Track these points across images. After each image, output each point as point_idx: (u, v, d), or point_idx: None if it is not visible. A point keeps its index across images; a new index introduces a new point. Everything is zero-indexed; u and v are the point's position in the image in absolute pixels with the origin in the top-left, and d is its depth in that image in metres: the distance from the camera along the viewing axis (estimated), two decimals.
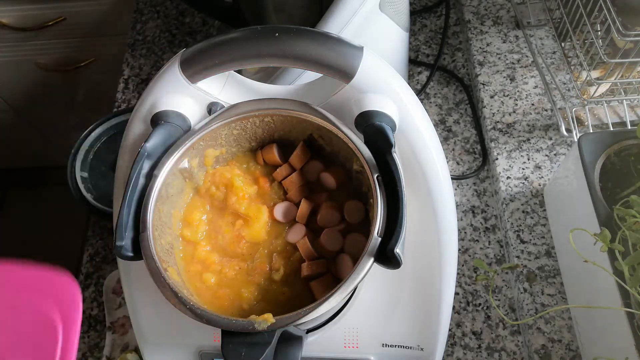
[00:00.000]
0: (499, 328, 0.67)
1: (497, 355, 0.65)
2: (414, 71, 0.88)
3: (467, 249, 0.72)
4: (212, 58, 0.43)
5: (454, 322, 0.68)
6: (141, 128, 0.47)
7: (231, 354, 0.38)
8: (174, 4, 1.00)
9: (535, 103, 0.79)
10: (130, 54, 0.95)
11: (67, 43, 1.20)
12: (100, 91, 1.30)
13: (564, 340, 0.63)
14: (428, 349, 0.54)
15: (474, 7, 0.89)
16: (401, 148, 0.45)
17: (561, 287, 0.65)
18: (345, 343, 0.53)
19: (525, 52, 0.83)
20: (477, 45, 0.85)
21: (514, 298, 0.68)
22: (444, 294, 0.51)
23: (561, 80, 0.79)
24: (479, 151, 0.80)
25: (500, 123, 0.78)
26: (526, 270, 0.67)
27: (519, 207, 0.71)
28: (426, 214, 0.48)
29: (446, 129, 0.82)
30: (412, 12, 0.92)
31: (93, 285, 0.76)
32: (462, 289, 0.70)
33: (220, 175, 0.48)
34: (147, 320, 0.54)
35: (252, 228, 0.46)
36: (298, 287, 0.45)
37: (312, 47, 0.42)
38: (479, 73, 0.82)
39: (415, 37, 0.91)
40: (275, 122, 0.47)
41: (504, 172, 0.73)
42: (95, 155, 0.80)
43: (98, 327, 0.73)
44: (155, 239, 0.41)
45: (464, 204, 0.76)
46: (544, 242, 0.68)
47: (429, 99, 0.85)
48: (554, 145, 0.75)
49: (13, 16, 1.13)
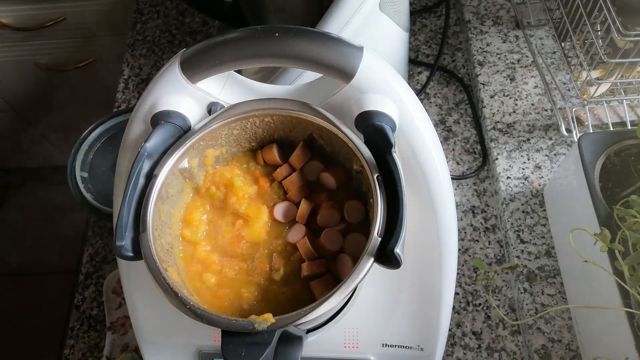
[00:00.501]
0: (499, 328, 0.67)
1: (497, 355, 0.65)
2: (414, 71, 0.88)
3: (467, 249, 0.72)
4: (212, 58, 0.43)
5: (454, 322, 0.68)
6: (141, 128, 0.47)
7: (231, 354, 0.38)
8: (174, 4, 1.00)
9: (535, 103, 0.79)
10: (130, 54, 0.95)
11: (67, 43, 1.20)
12: (100, 91, 1.30)
13: (564, 340, 0.63)
14: (428, 349, 0.54)
15: (474, 7, 0.89)
16: (401, 148, 0.45)
17: (561, 287, 0.65)
18: (345, 343, 0.53)
19: (525, 52, 0.83)
20: (477, 45, 0.85)
21: (514, 298, 0.68)
22: (444, 294, 0.51)
23: (561, 80, 0.79)
24: (479, 151, 0.80)
25: (500, 123, 0.78)
26: (526, 270, 0.67)
27: (519, 207, 0.71)
28: (426, 214, 0.48)
29: (446, 129, 0.82)
30: (412, 12, 0.92)
31: (93, 285, 0.76)
32: (462, 289, 0.70)
33: (220, 175, 0.48)
34: (147, 320, 0.54)
35: (252, 228, 0.46)
36: (298, 287, 0.45)
37: (312, 47, 0.42)
38: (479, 73, 0.82)
39: (415, 37, 0.91)
40: (275, 122, 0.47)
41: (504, 172, 0.73)
42: (95, 155, 0.80)
43: (98, 327, 0.73)
44: (155, 239, 0.41)
45: (464, 204, 0.76)
46: (544, 242, 0.68)
47: (429, 99, 0.85)
48: (554, 145, 0.75)
49: (13, 16, 1.13)
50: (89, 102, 1.38)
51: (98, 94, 1.32)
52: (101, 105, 1.32)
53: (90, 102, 1.38)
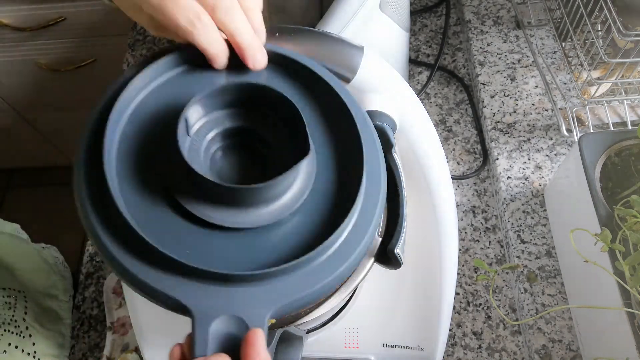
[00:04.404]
0: (500, 328, 0.67)
1: (497, 355, 0.65)
2: (414, 71, 0.88)
3: (468, 249, 0.72)
4: None
5: (454, 322, 0.68)
6: None
7: None
8: None
9: (536, 103, 0.79)
10: (130, 54, 0.95)
11: (67, 43, 1.20)
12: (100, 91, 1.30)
13: (565, 340, 0.63)
14: (428, 349, 0.54)
15: (475, 7, 0.89)
16: (401, 148, 0.45)
17: (562, 287, 0.65)
18: (346, 343, 0.53)
19: (526, 52, 0.83)
20: (478, 45, 0.85)
21: (515, 298, 0.68)
22: (445, 294, 0.51)
23: (562, 80, 0.79)
24: (479, 151, 0.80)
25: (500, 123, 0.77)
26: (527, 271, 0.67)
27: (520, 207, 0.71)
28: (426, 214, 0.48)
29: (446, 129, 0.82)
30: (413, 12, 0.92)
31: (93, 285, 0.76)
32: (463, 289, 0.70)
33: None
34: (147, 320, 0.54)
35: None
36: None
37: (312, 47, 0.42)
38: (480, 73, 0.82)
39: (416, 37, 0.91)
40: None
41: (505, 172, 0.73)
42: None
43: (98, 327, 0.73)
44: None
45: (464, 204, 0.76)
46: (544, 242, 0.68)
47: (429, 99, 0.85)
48: (555, 145, 0.75)
49: (13, 16, 1.13)
50: (89, 102, 1.38)
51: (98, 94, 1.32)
52: None
53: (90, 102, 1.38)
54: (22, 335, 0.67)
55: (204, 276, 0.29)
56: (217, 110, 0.34)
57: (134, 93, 0.35)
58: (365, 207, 0.33)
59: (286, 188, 0.32)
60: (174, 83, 0.36)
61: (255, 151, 0.35)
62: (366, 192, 0.33)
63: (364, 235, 0.32)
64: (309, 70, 0.36)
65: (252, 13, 0.35)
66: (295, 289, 0.30)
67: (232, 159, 0.35)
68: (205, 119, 0.34)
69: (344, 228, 0.32)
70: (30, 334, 0.68)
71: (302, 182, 0.33)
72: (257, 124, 0.35)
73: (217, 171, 0.34)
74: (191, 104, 0.32)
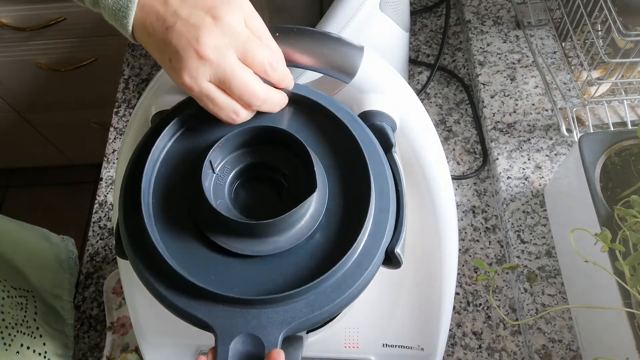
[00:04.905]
0: (500, 328, 0.67)
1: (497, 355, 0.65)
2: (414, 71, 0.88)
3: (468, 249, 0.72)
4: None
5: (454, 322, 0.68)
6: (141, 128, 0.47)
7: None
8: None
9: (536, 103, 0.79)
10: (130, 54, 0.95)
11: (67, 43, 1.20)
12: (100, 91, 1.30)
13: (565, 340, 0.63)
14: (428, 349, 0.54)
15: (475, 7, 0.89)
16: (401, 148, 0.45)
17: (562, 287, 0.65)
18: (346, 343, 0.53)
19: (526, 52, 0.83)
20: (478, 45, 0.85)
21: (515, 298, 0.68)
22: (445, 294, 0.51)
23: (562, 80, 0.79)
24: (479, 151, 0.80)
25: (500, 123, 0.77)
26: (527, 271, 0.67)
27: (520, 207, 0.71)
28: (426, 214, 0.47)
29: (446, 129, 0.82)
30: (413, 12, 0.92)
31: (93, 285, 0.76)
32: (463, 289, 0.70)
33: None
34: (147, 320, 0.54)
35: None
36: None
37: (313, 47, 0.42)
38: (480, 73, 0.82)
39: (416, 37, 0.91)
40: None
41: (505, 172, 0.73)
42: None
43: (98, 327, 0.73)
44: None
45: (464, 204, 0.76)
46: (544, 242, 0.68)
47: (429, 99, 0.85)
48: (555, 145, 0.75)
49: (13, 16, 1.13)
50: (89, 102, 1.38)
51: (98, 94, 1.32)
52: (101, 106, 1.33)
53: (90, 102, 1.38)
54: (33, 335, 0.67)
55: (226, 300, 0.34)
56: (237, 150, 0.39)
57: (162, 144, 0.39)
58: (374, 231, 0.36)
59: (299, 218, 0.36)
60: (196, 128, 0.40)
61: (273, 181, 0.39)
62: (375, 211, 0.36)
63: (374, 255, 0.36)
64: (322, 107, 0.40)
65: (274, 67, 0.38)
66: (309, 309, 0.34)
67: (253, 190, 0.40)
68: (227, 158, 0.39)
69: (354, 250, 0.35)
70: (40, 334, 0.68)
71: (314, 210, 0.37)
72: (274, 158, 0.39)
73: (240, 203, 0.38)
74: (214, 149, 0.37)
